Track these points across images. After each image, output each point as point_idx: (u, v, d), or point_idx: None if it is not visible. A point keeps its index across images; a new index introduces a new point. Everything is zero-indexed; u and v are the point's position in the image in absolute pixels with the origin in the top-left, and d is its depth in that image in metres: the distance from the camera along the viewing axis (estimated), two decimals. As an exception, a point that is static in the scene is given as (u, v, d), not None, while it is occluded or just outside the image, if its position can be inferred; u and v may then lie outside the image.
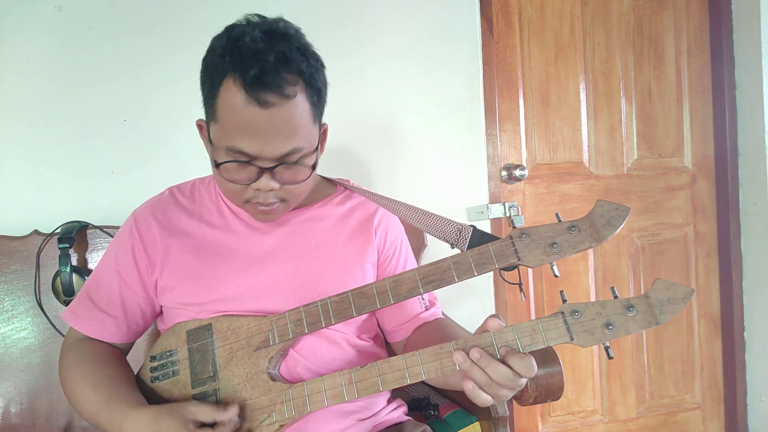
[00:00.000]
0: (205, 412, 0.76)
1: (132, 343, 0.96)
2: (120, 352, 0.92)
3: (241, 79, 0.75)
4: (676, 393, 1.91)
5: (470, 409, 1.07)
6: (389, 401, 0.98)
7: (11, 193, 1.32)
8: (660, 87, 1.87)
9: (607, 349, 0.68)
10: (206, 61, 0.81)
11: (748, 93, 1.84)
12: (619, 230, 0.71)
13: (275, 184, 0.81)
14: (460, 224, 0.84)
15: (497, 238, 0.78)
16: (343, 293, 0.79)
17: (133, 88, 1.38)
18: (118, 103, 1.37)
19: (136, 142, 1.38)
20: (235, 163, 0.80)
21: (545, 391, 0.94)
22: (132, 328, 0.92)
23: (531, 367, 0.68)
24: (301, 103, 0.78)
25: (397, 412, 0.97)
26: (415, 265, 1.03)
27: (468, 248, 0.80)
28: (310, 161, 0.83)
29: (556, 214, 0.76)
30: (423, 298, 0.98)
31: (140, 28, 1.39)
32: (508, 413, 1.04)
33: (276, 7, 1.52)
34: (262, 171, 0.80)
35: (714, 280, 1.93)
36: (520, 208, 1.70)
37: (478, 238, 0.81)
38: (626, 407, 1.86)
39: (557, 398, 0.95)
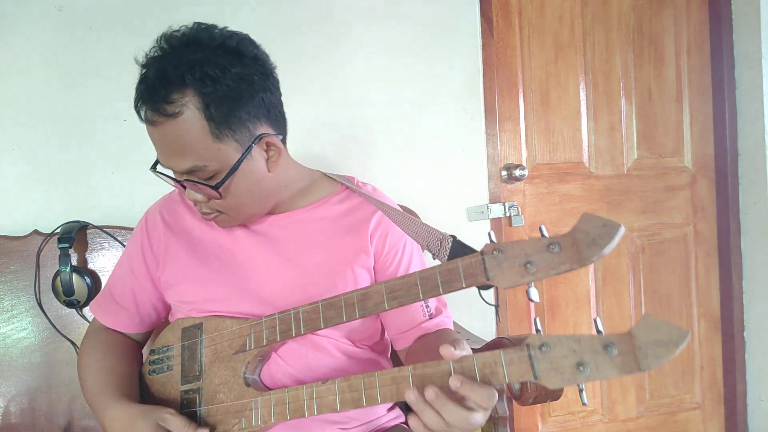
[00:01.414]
0: (177, 425, 0.76)
1: (149, 333, 1.01)
2: (134, 342, 0.98)
3: (135, 97, 0.81)
4: (676, 393, 1.91)
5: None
6: (389, 409, 0.96)
7: (11, 193, 1.32)
8: (660, 87, 1.87)
9: (580, 391, 0.58)
10: None
11: (748, 93, 1.84)
12: (607, 251, 0.58)
13: (198, 196, 0.83)
14: (441, 233, 0.77)
15: (474, 251, 0.70)
16: (314, 303, 0.77)
17: (134, 87, 1.38)
18: (118, 102, 1.37)
19: (136, 142, 1.37)
20: (156, 172, 0.84)
21: (545, 391, 0.92)
22: (145, 320, 0.97)
23: (490, 397, 0.60)
24: (188, 120, 0.76)
25: (395, 422, 0.96)
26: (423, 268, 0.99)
27: (448, 260, 0.72)
28: (219, 178, 0.80)
29: (540, 228, 0.64)
30: (427, 306, 0.92)
31: (140, 28, 1.38)
32: (507, 413, 1.04)
33: (275, 6, 1.51)
34: (179, 183, 0.83)
35: (714, 280, 1.93)
36: (520, 208, 1.70)
37: (459, 249, 0.73)
38: (626, 407, 1.86)
39: (557, 398, 0.94)
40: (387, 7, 1.56)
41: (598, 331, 0.57)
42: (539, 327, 0.61)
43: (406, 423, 0.98)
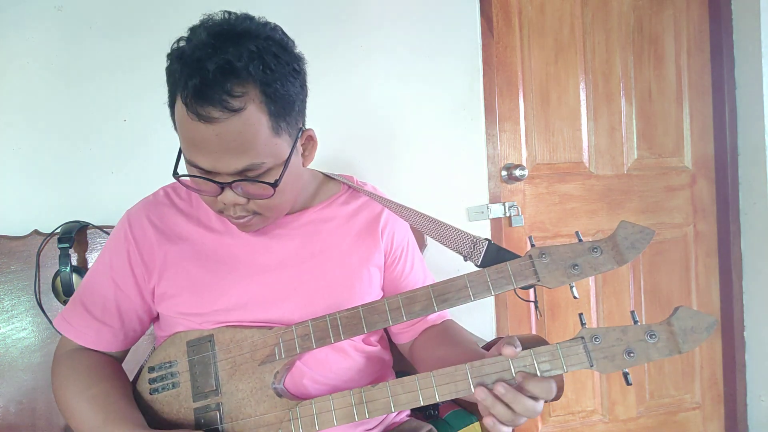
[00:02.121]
0: None
1: (128, 350, 0.92)
2: (116, 361, 0.89)
3: (182, 93, 0.70)
4: (676, 393, 1.91)
5: (470, 409, 1.07)
6: None
7: (11, 193, 1.32)
8: (660, 87, 1.87)
9: (626, 375, 0.67)
10: (166, 68, 0.75)
11: (748, 93, 1.84)
12: (640, 252, 0.71)
13: (240, 199, 0.76)
14: (474, 237, 0.80)
15: (514, 255, 0.76)
16: (353, 308, 0.77)
17: (133, 87, 1.38)
18: (118, 102, 1.37)
19: (136, 142, 1.38)
20: (192, 177, 0.76)
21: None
22: (129, 335, 0.88)
23: (551, 390, 0.67)
24: (253, 115, 0.71)
25: (401, 416, 0.97)
26: (424, 265, 1.01)
27: (482, 262, 0.78)
28: (275, 175, 0.76)
29: (576, 233, 0.74)
30: None
31: (140, 28, 1.39)
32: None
33: (275, 6, 1.52)
34: (221, 186, 0.75)
35: (714, 280, 1.93)
36: (520, 208, 1.70)
37: (494, 252, 0.78)
38: (626, 407, 1.86)
39: (557, 398, 0.95)
40: (387, 6, 1.56)
41: (635, 321, 0.68)
42: (584, 321, 0.69)
43: (410, 415, 1.00)
